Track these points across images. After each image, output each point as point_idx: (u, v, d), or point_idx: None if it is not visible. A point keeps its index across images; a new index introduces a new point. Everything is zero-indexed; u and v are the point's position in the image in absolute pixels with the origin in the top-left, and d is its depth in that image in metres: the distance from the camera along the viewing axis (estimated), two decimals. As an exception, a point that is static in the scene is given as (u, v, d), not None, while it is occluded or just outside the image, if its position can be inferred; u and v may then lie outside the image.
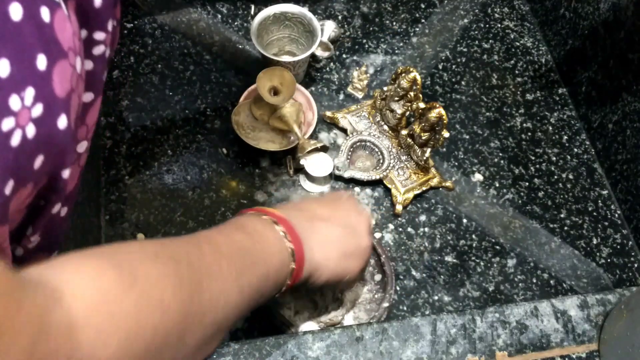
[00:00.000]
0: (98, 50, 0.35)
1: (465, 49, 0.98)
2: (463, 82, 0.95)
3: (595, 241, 0.83)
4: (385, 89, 0.86)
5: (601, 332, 0.52)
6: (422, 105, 0.79)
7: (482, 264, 0.79)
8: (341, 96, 0.91)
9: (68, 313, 0.30)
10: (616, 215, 0.85)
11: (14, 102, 0.28)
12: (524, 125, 0.91)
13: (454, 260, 0.79)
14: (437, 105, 0.77)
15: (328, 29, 0.93)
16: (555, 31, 0.98)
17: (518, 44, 1.00)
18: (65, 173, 0.35)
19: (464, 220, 0.82)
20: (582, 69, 0.92)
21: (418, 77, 0.80)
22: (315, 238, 0.53)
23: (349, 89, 0.91)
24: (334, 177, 0.83)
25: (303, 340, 0.48)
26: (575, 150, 0.90)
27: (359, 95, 0.91)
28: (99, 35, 0.34)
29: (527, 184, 0.86)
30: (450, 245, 0.80)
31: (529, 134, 0.91)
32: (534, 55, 0.99)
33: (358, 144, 0.85)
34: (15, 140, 0.28)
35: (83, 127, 0.37)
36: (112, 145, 0.83)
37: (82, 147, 0.38)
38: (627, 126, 0.83)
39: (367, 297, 0.72)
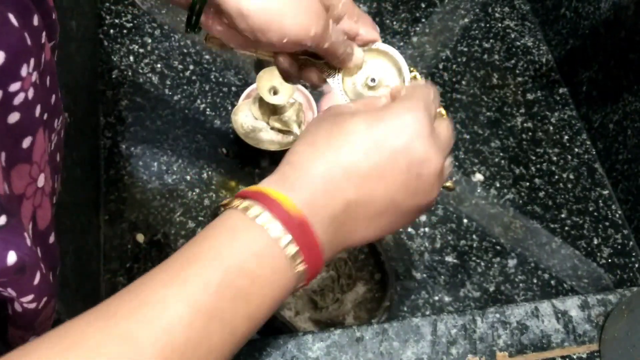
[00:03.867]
0: (19, 99, 0.32)
1: (465, 49, 0.98)
2: (463, 82, 0.94)
3: (596, 241, 0.82)
4: (385, 88, 0.85)
5: (602, 332, 0.51)
6: (422, 105, 0.79)
7: (482, 264, 0.79)
8: (341, 96, 0.90)
9: None
10: (617, 215, 0.85)
11: None
12: (525, 125, 0.91)
13: (455, 261, 0.79)
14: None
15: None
16: (556, 31, 0.98)
17: (519, 43, 1.00)
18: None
19: (465, 221, 0.82)
20: (582, 68, 0.92)
21: (419, 77, 0.80)
22: (347, 226, 0.39)
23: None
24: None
25: (303, 341, 0.48)
26: (576, 150, 0.90)
27: (359, 95, 0.90)
28: (14, 87, 0.32)
29: (527, 184, 0.86)
30: (451, 245, 0.80)
31: (530, 133, 0.91)
32: (534, 54, 0.99)
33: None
34: None
35: (34, 166, 0.36)
36: (112, 145, 0.83)
37: (42, 180, 0.37)
38: (627, 126, 0.82)
39: (367, 297, 0.72)
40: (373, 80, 0.49)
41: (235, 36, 0.46)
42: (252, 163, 0.83)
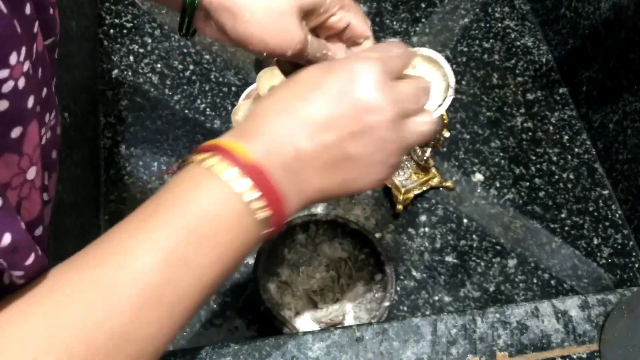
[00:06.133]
0: (7, 87, 0.32)
1: (465, 49, 0.98)
2: (463, 82, 0.94)
3: (596, 241, 0.82)
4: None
5: (602, 332, 0.51)
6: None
7: (482, 264, 0.79)
8: (341, 96, 0.90)
9: None
10: (617, 215, 0.85)
11: None
12: (525, 125, 0.91)
13: (455, 261, 0.79)
14: (438, 105, 0.76)
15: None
16: (556, 31, 0.98)
17: (519, 43, 1.00)
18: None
19: (465, 221, 0.82)
20: (582, 68, 0.92)
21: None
22: (301, 175, 0.39)
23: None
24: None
25: (303, 341, 0.48)
26: (576, 150, 0.90)
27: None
28: (2, 74, 0.31)
29: (527, 183, 0.86)
30: (451, 245, 0.80)
31: (530, 133, 0.91)
32: (534, 54, 0.99)
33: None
34: None
35: (24, 157, 0.36)
36: (112, 145, 0.83)
37: (32, 173, 0.37)
38: (628, 126, 0.82)
39: (367, 297, 0.72)
40: None
41: (226, 39, 0.48)
42: (252, 163, 0.83)
